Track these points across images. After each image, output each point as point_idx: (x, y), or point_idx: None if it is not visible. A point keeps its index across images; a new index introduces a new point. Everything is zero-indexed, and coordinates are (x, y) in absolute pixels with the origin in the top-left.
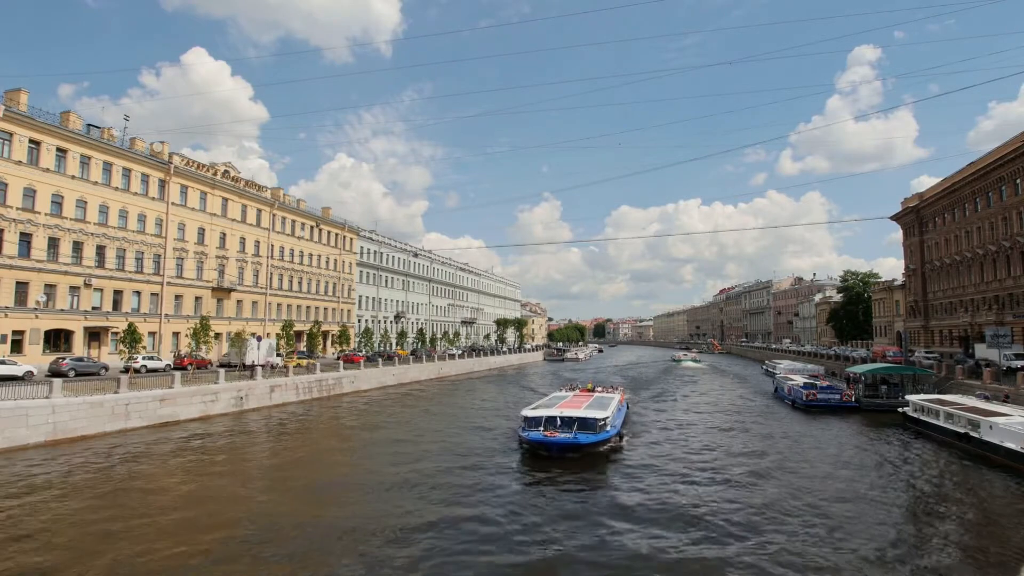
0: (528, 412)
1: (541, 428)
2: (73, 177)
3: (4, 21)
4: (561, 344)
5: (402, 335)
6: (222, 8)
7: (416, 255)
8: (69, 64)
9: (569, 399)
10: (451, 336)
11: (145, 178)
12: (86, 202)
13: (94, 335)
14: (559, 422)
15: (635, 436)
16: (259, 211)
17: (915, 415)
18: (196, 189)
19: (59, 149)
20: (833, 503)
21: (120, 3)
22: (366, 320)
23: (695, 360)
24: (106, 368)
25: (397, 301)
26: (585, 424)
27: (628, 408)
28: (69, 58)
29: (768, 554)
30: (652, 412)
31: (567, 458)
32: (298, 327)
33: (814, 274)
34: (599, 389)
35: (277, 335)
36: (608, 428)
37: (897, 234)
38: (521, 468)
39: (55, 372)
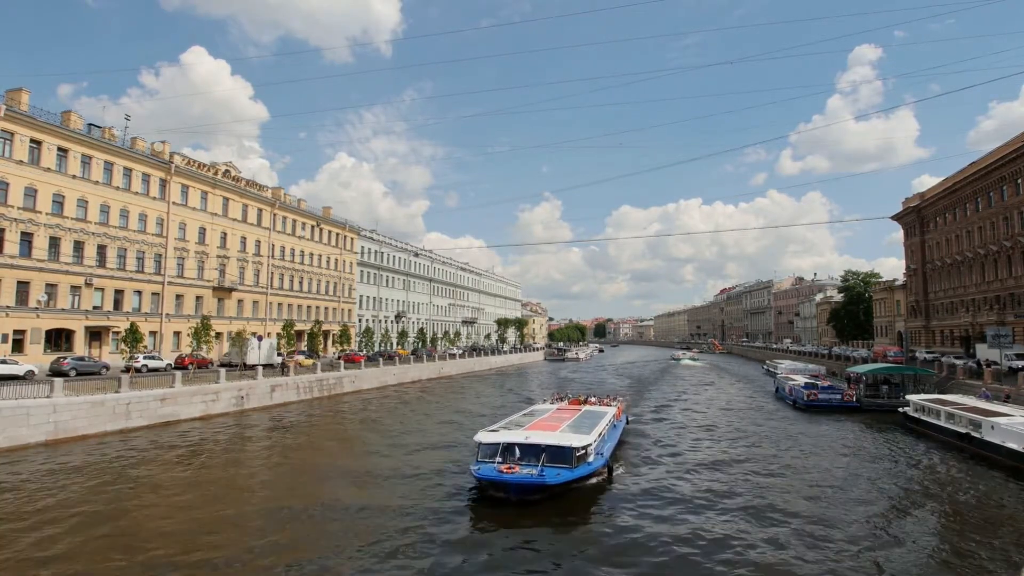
0: (484, 436)
1: (497, 460)
2: (74, 177)
3: (4, 21)
4: (562, 344)
5: (403, 335)
6: (221, 8)
7: (417, 255)
8: (69, 64)
9: (548, 415)
10: (452, 336)
11: (146, 178)
12: (87, 202)
13: (95, 335)
14: (518, 452)
15: (632, 455)
16: (260, 211)
17: (916, 415)
18: (197, 189)
19: (60, 149)
20: (834, 504)
21: (120, 3)
22: (367, 320)
23: (693, 359)
24: (107, 368)
25: (398, 301)
26: (558, 455)
27: (627, 421)
28: (69, 58)
29: (765, 559)
30: (652, 420)
31: (530, 502)
32: (299, 327)
33: (815, 274)
34: (593, 400)
35: (278, 335)
36: (590, 459)
37: (898, 234)
38: (463, 520)
39: (56, 371)
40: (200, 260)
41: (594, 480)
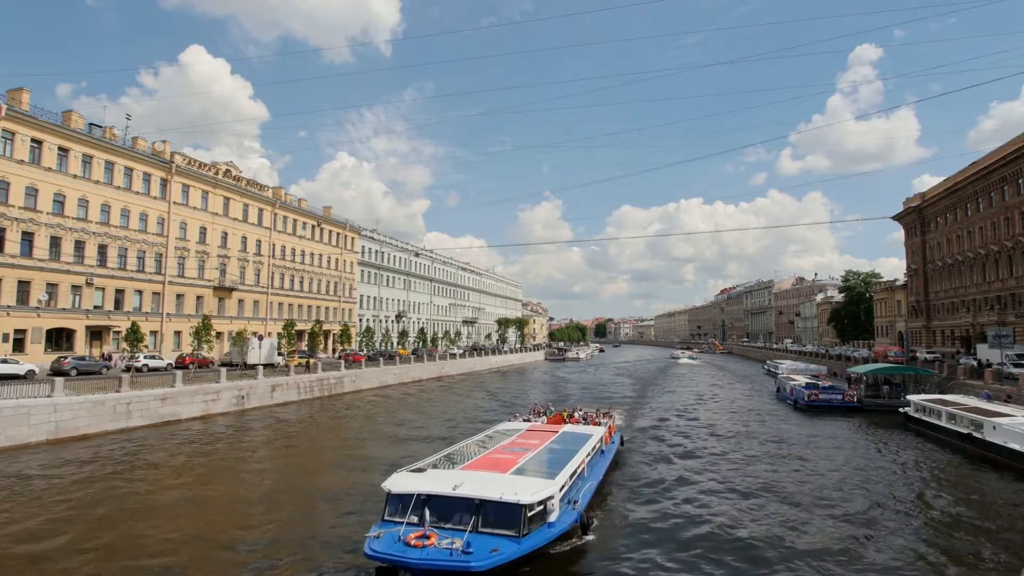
0: (396, 482)
1: (410, 520)
2: (75, 176)
3: (4, 21)
4: (562, 344)
5: (403, 334)
6: (220, 7)
7: (417, 255)
8: (68, 64)
9: (510, 441)
10: (452, 336)
11: (147, 177)
12: (88, 201)
13: (96, 334)
14: (432, 512)
15: (620, 493)
16: (260, 210)
17: (917, 415)
18: (198, 188)
19: (61, 148)
20: (836, 505)
21: (119, 2)
22: (367, 319)
23: (692, 358)
24: (107, 367)
25: (398, 300)
26: (500, 515)
27: (622, 441)
28: (68, 58)
29: (765, 560)
30: (650, 433)
31: None
32: (300, 326)
33: (815, 274)
34: (578, 415)
35: (279, 334)
36: (552, 517)
37: (899, 234)
38: None
39: (57, 371)
40: (201, 260)
41: (559, 547)
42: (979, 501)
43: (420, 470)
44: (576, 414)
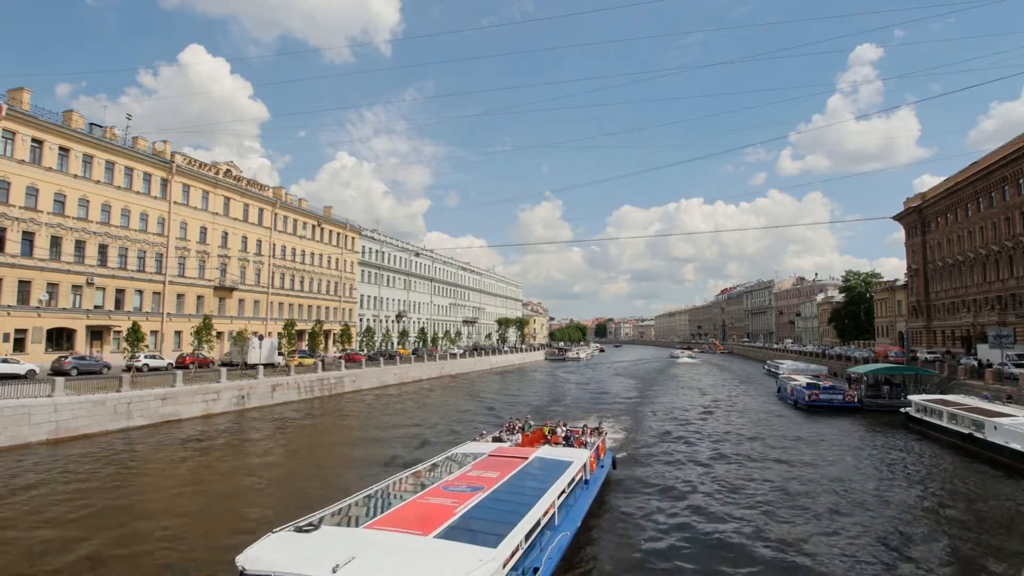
0: (253, 556)
1: None
2: (75, 176)
3: (3, 21)
4: (563, 344)
5: (404, 334)
6: (220, 7)
7: (418, 254)
8: (67, 63)
9: (461, 473)
10: (453, 335)
11: (147, 177)
12: (88, 201)
13: (96, 334)
14: None
15: (602, 539)
16: (261, 210)
17: (918, 415)
18: (198, 188)
19: (62, 148)
20: (836, 504)
21: (119, 2)
22: (368, 319)
23: (691, 357)
24: (108, 367)
25: (399, 300)
26: None
27: (614, 463)
28: (67, 57)
29: (765, 557)
30: (646, 447)
31: None
32: (300, 326)
33: (816, 274)
34: (563, 428)
35: (279, 334)
36: None
37: (899, 234)
38: None
39: (57, 371)
40: (201, 259)
41: None
42: (980, 501)
43: (309, 527)
44: (559, 430)
